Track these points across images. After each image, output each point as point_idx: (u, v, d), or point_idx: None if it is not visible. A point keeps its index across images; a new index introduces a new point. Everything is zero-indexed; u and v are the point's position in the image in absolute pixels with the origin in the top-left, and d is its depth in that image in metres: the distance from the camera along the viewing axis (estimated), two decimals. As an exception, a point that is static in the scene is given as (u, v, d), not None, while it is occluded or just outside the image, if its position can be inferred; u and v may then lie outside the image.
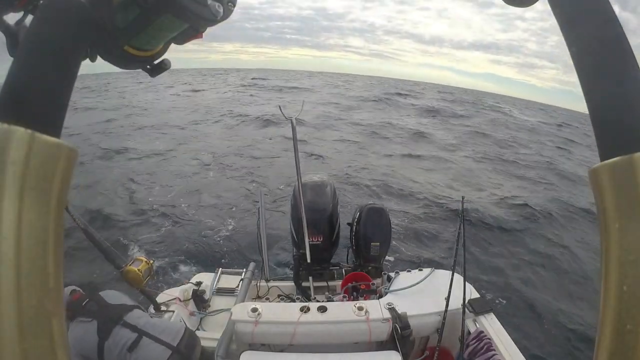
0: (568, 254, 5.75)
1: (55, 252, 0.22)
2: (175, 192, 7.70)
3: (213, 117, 18.17)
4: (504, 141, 16.73)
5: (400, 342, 1.78)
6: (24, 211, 0.20)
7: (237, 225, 6.12)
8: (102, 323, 1.64)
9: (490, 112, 31.28)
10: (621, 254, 0.22)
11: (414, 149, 12.84)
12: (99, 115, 17.83)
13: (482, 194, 8.32)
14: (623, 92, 0.24)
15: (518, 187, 9.42)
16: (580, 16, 0.26)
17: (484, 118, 25.51)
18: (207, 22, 0.37)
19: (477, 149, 14.03)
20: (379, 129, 16.44)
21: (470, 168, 11.05)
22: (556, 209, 7.61)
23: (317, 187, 2.71)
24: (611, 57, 0.25)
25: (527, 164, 12.42)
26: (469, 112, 28.45)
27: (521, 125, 25.44)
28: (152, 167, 9.51)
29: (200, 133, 14.36)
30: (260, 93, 31.92)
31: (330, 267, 2.83)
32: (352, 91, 37.41)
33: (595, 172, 0.24)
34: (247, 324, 1.79)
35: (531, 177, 10.59)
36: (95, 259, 3.68)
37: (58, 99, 0.24)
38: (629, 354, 0.21)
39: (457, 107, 30.95)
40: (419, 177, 9.41)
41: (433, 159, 11.77)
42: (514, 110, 39.95)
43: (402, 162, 11.21)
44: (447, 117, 23.21)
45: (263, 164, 9.90)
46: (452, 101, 36.60)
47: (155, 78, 0.46)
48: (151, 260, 2.14)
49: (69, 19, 0.25)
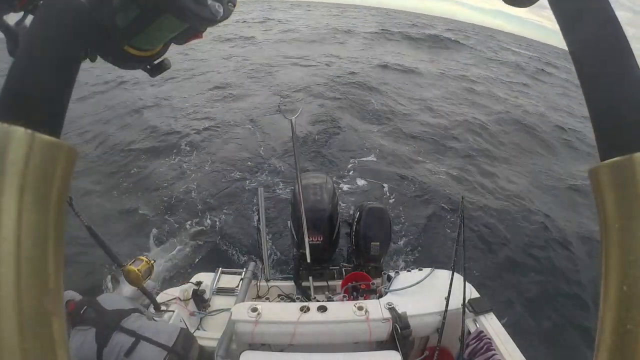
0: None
1: (55, 252, 0.22)
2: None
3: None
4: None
5: (400, 342, 1.78)
6: (23, 211, 0.20)
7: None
8: (100, 330, 1.64)
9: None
10: (621, 254, 0.22)
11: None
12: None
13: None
14: (623, 92, 0.24)
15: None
16: (580, 16, 0.26)
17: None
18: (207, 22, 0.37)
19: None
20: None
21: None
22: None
23: (317, 187, 2.71)
24: (611, 57, 0.25)
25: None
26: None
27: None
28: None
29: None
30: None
31: (330, 267, 2.83)
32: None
33: (595, 172, 0.24)
34: (247, 323, 1.79)
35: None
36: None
37: (58, 99, 0.24)
38: (629, 354, 0.21)
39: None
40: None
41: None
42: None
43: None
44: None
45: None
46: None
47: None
48: (152, 261, 2.14)
49: (68, 19, 0.25)
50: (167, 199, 5.96)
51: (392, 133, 8.95)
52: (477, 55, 24.92)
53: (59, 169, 0.22)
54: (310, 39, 22.65)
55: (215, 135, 8.22)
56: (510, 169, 7.87)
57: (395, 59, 18.48)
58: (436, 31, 33.56)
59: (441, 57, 21.55)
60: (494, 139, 9.33)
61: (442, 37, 28.54)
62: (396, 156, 7.68)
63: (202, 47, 18.10)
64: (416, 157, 7.83)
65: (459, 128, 9.68)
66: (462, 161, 7.86)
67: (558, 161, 8.72)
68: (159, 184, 6.33)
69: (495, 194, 6.73)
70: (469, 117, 10.53)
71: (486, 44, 34.71)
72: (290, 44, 20.63)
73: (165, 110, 9.80)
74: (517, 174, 7.66)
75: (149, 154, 7.31)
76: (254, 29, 27.41)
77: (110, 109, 9.80)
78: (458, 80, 15.92)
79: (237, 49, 19.17)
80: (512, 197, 6.63)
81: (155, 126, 8.57)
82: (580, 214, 6.46)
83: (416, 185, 6.58)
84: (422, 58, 20.44)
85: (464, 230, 1.83)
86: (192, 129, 8.39)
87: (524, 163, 8.29)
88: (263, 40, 21.85)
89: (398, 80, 14.22)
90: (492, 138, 9.39)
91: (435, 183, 6.71)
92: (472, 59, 23.02)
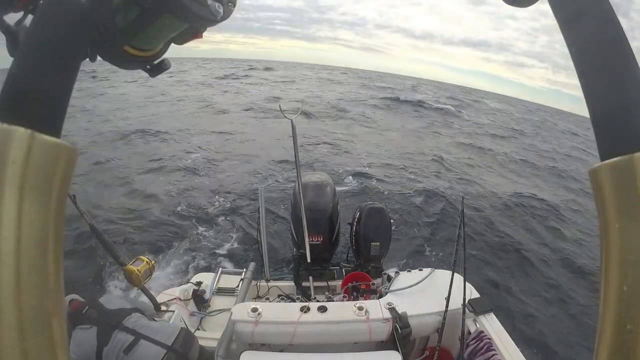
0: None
1: (55, 252, 0.22)
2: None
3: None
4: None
5: (400, 342, 1.78)
6: (24, 211, 0.20)
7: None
8: (101, 329, 1.67)
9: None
10: (621, 254, 0.22)
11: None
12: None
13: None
14: (623, 92, 0.24)
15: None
16: (580, 16, 0.26)
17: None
18: (207, 22, 0.37)
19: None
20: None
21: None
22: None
23: (317, 187, 2.71)
24: (611, 57, 0.25)
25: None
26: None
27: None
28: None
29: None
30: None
31: (330, 267, 2.83)
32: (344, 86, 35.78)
33: (595, 172, 0.24)
34: (247, 323, 1.79)
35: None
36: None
37: (58, 99, 0.24)
38: (629, 354, 0.21)
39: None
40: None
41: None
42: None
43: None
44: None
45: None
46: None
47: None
48: (153, 261, 2.15)
49: (68, 19, 0.25)
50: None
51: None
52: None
53: (59, 169, 0.22)
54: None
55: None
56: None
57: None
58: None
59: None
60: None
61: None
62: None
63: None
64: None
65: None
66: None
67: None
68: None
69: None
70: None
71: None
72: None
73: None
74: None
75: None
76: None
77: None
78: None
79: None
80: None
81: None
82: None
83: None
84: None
85: (464, 230, 1.83)
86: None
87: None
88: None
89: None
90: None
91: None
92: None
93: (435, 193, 7.40)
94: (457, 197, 7.05)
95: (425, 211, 6.66)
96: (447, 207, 6.77)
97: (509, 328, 1.94)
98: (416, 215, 6.48)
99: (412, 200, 7.08)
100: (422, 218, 6.41)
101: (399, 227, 5.90)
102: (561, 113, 76.63)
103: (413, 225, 6.15)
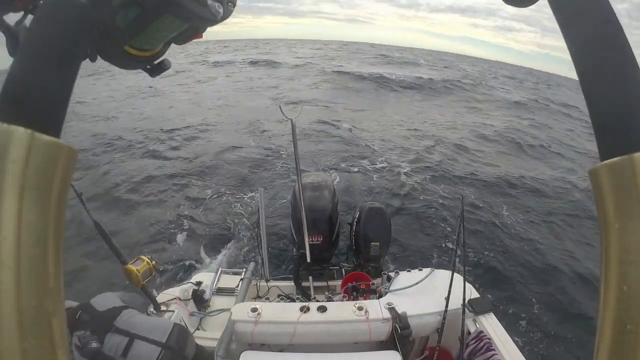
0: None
1: (55, 252, 0.22)
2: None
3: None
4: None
5: (400, 342, 1.78)
6: (23, 211, 0.20)
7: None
8: (94, 333, 1.65)
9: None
10: (621, 254, 0.22)
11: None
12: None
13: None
14: (623, 92, 0.24)
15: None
16: (580, 16, 0.26)
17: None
18: (207, 22, 0.37)
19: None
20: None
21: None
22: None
23: (317, 187, 2.71)
24: (611, 57, 0.25)
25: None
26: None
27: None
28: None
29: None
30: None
31: (330, 267, 2.83)
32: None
33: (595, 172, 0.24)
34: (247, 323, 1.79)
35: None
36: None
37: (58, 99, 0.24)
38: (629, 354, 0.21)
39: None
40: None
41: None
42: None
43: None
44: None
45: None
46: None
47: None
48: (153, 261, 2.14)
49: (68, 19, 0.25)
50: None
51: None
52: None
53: (59, 169, 0.22)
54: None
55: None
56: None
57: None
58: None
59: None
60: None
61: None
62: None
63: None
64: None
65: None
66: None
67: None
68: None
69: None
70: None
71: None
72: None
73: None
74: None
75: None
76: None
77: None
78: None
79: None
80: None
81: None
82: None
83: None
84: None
85: (464, 230, 1.83)
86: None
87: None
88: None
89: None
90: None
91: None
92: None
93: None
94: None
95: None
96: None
97: (509, 328, 1.94)
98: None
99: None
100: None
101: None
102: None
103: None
